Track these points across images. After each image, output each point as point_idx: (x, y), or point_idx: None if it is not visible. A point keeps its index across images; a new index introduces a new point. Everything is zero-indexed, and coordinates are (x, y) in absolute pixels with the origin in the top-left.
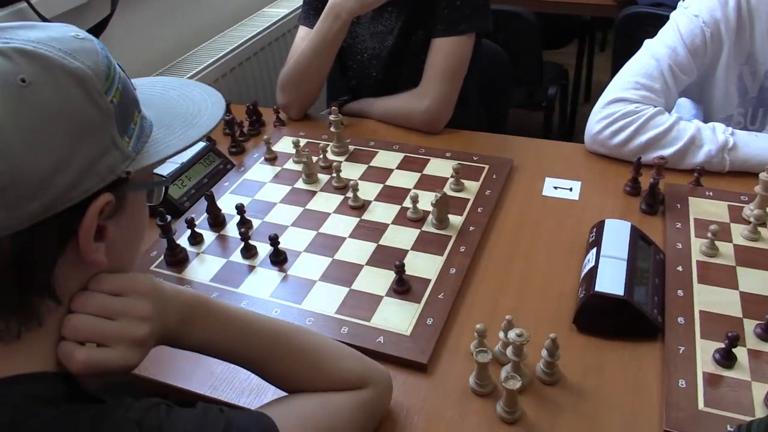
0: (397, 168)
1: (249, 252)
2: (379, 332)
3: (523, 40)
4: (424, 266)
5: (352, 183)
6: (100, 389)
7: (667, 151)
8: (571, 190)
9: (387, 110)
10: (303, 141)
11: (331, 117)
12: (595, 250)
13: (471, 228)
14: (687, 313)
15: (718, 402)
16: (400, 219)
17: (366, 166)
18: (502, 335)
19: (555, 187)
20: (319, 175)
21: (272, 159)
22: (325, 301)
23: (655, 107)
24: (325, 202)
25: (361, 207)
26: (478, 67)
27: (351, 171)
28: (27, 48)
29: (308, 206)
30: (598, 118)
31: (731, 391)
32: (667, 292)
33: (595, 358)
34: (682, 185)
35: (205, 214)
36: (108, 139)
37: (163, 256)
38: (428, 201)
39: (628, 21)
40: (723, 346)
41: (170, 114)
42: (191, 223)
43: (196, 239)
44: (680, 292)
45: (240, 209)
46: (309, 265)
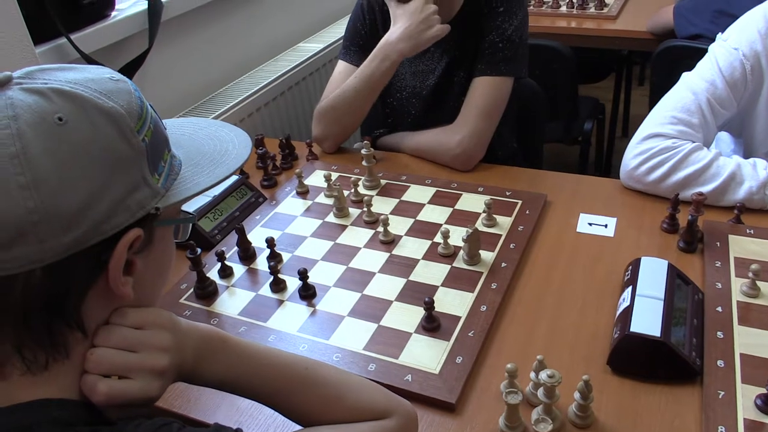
0: (428, 203)
1: (278, 286)
2: (408, 370)
3: (559, 75)
4: (454, 303)
5: (383, 218)
6: (122, 418)
7: (706, 188)
8: (606, 226)
9: (419, 144)
10: (335, 175)
11: (363, 151)
12: (630, 288)
13: (503, 264)
14: (727, 356)
15: None
16: (431, 254)
17: (397, 200)
18: (533, 376)
19: (590, 224)
20: (350, 209)
21: (304, 192)
22: (353, 337)
23: (693, 143)
24: (355, 236)
25: (391, 242)
26: (514, 105)
27: (382, 205)
28: (64, 88)
29: (338, 240)
30: (634, 154)
31: None
32: (706, 334)
33: (629, 401)
34: (721, 222)
35: (235, 247)
36: (139, 176)
37: (193, 289)
38: (459, 236)
39: (666, 54)
40: (765, 391)
41: (199, 153)
42: (221, 256)
43: (225, 272)
44: (720, 334)
45: (270, 243)
46: (338, 300)
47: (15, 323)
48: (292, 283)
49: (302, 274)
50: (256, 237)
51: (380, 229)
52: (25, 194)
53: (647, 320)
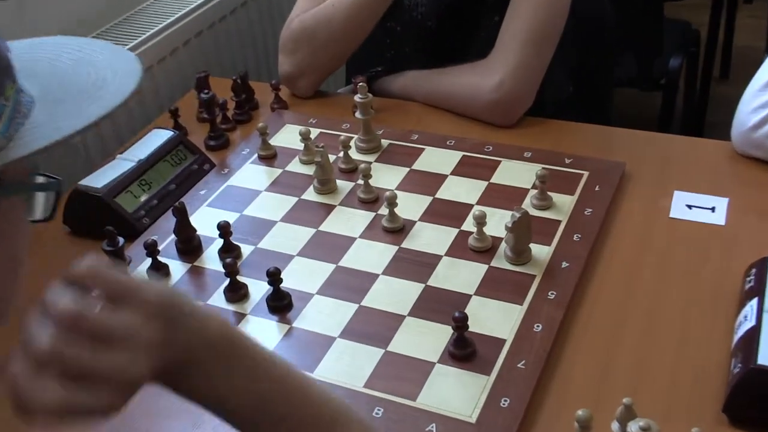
0: (452, 173)
1: (236, 293)
2: (430, 417)
3: None
4: (495, 320)
5: (388, 195)
6: None
7: None
8: (713, 210)
9: (439, 87)
10: (315, 132)
11: (357, 97)
12: (755, 301)
13: (564, 264)
14: None
15: None
16: (459, 249)
17: (407, 169)
18: (616, 427)
19: (689, 206)
20: (339, 182)
21: (269, 157)
22: (349, 368)
23: None
24: (347, 221)
25: (400, 230)
26: (570, 29)
27: (385, 176)
28: None
29: (323, 227)
30: (754, 107)
31: None
32: None
33: None
34: None
35: (172, 235)
36: None
37: None
38: (500, 223)
39: None
40: None
41: (62, 85)
42: (152, 249)
43: (159, 272)
44: None
45: (224, 230)
46: (324, 315)
47: None
48: (257, 288)
49: (272, 277)
50: (202, 221)
51: (384, 211)
52: None
53: None
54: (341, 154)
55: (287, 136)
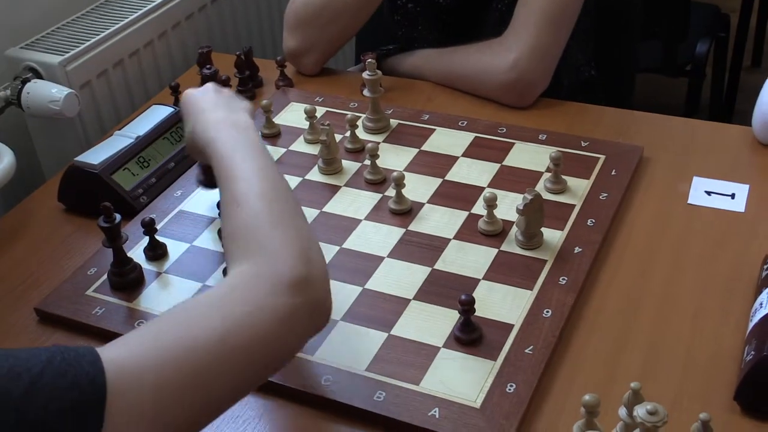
0: (463, 155)
1: None
2: (434, 401)
3: None
4: (503, 304)
5: (395, 176)
6: None
7: None
8: (733, 197)
9: (451, 66)
10: (321, 110)
11: (365, 74)
12: None
13: (576, 249)
14: None
15: None
16: (468, 232)
17: (416, 150)
18: (623, 413)
19: (708, 192)
20: (345, 163)
21: (273, 136)
22: (352, 351)
23: None
24: (352, 202)
25: (407, 212)
26: (592, 10)
27: (393, 158)
28: None
29: (327, 208)
30: None
31: None
32: None
33: None
34: None
35: (170, 214)
36: None
37: (106, 276)
38: (511, 206)
39: None
40: None
41: None
42: (150, 227)
43: (156, 251)
44: None
45: None
46: None
47: None
48: None
49: None
50: (202, 200)
51: (391, 192)
52: None
53: None
54: (348, 133)
55: (292, 115)
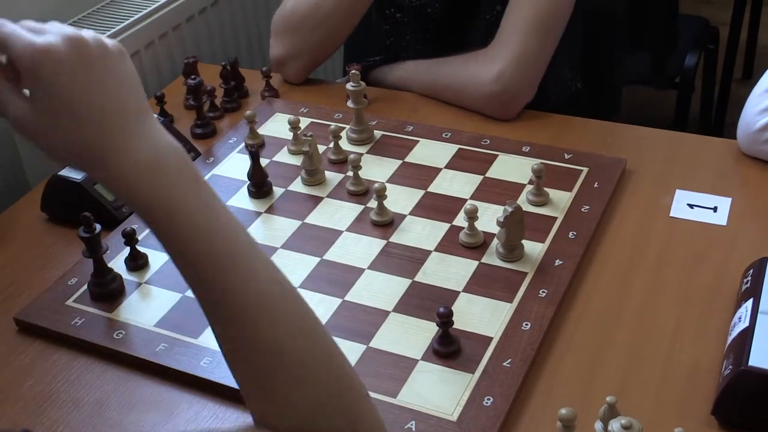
0: (446, 167)
1: None
2: (410, 414)
3: None
4: (482, 317)
5: (377, 187)
6: None
7: None
8: (715, 210)
9: (436, 77)
10: (305, 121)
11: (349, 86)
12: (750, 302)
13: (557, 262)
14: None
15: None
16: (449, 244)
17: (399, 162)
18: (599, 427)
19: (690, 205)
20: (327, 173)
21: (257, 146)
22: None
23: None
24: (334, 213)
25: (389, 223)
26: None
27: (376, 169)
28: None
29: (309, 219)
30: (761, 109)
31: None
32: None
33: None
34: None
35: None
36: None
37: (86, 286)
38: (493, 218)
39: None
40: None
41: None
42: (131, 238)
43: (137, 262)
44: None
45: None
46: None
47: None
48: None
49: None
50: None
51: (373, 204)
52: None
53: None
54: (332, 144)
55: (277, 126)
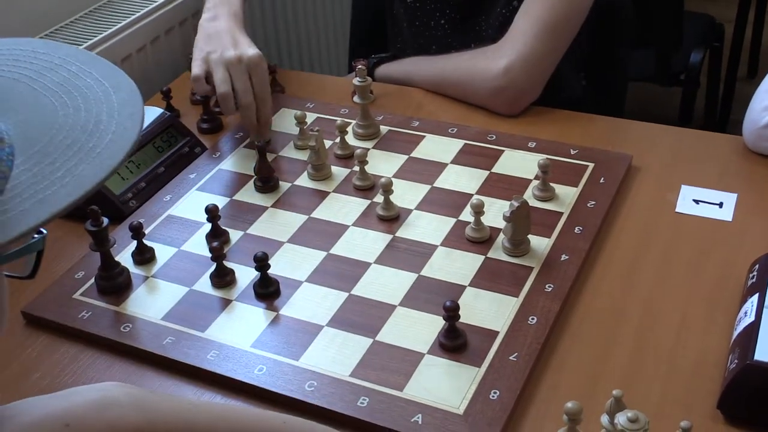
0: (452, 162)
1: (223, 278)
2: (417, 407)
3: None
4: (488, 311)
5: (384, 182)
6: None
7: None
8: (720, 206)
9: (443, 72)
10: (311, 116)
11: (355, 81)
12: (756, 297)
13: (563, 257)
14: None
15: None
16: (455, 239)
17: (405, 157)
18: (605, 420)
19: (696, 201)
20: (334, 168)
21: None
22: (336, 357)
23: None
24: (340, 208)
25: (395, 218)
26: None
27: (382, 164)
28: None
29: (315, 214)
30: (767, 105)
31: None
32: None
33: None
34: None
35: (159, 218)
36: None
37: (93, 279)
38: (499, 213)
39: None
40: None
41: (46, 128)
42: (138, 232)
43: (144, 255)
44: None
45: (211, 213)
46: (313, 303)
47: None
48: (245, 275)
49: (259, 262)
50: (191, 205)
51: (379, 198)
52: None
53: None
54: (338, 139)
55: (283, 121)
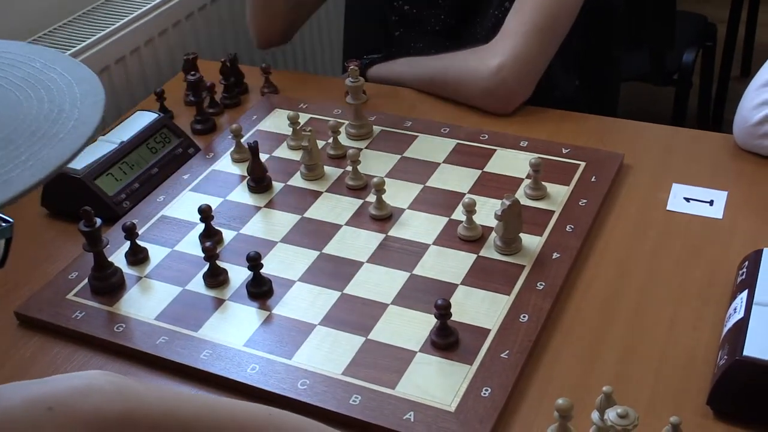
0: (444, 162)
1: (216, 278)
2: (409, 405)
3: None
4: (480, 309)
5: (376, 181)
6: None
7: None
8: (711, 203)
9: (435, 72)
10: (304, 117)
11: (348, 81)
12: (745, 294)
13: (555, 255)
14: None
15: None
16: (447, 237)
17: (398, 156)
18: (596, 417)
19: (687, 199)
20: (327, 168)
21: (244, 161)
22: (329, 355)
23: None
24: (333, 208)
25: (388, 218)
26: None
27: (375, 164)
28: None
29: (308, 214)
30: (757, 103)
31: None
32: None
33: None
34: None
35: (152, 219)
36: None
37: (87, 279)
38: (491, 212)
39: None
40: None
41: (11, 118)
42: (132, 232)
43: (137, 256)
44: None
45: (204, 214)
46: (305, 302)
47: None
48: (238, 274)
49: (252, 262)
50: (184, 205)
51: (372, 198)
52: None
53: None
54: (331, 139)
55: (276, 121)
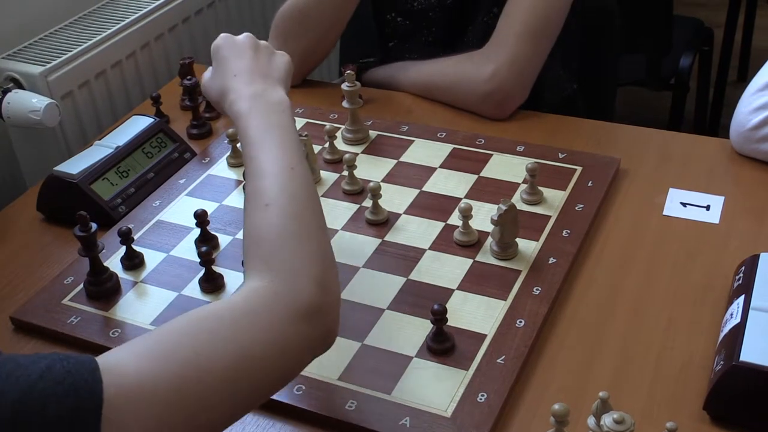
0: (441, 166)
1: (212, 283)
2: (405, 411)
3: None
4: (476, 314)
5: (372, 186)
6: None
7: None
8: (708, 208)
9: (431, 77)
10: (301, 121)
11: (344, 86)
12: (742, 299)
13: (551, 260)
14: None
15: None
16: (444, 242)
17: (394, 161)
18: (591, 422)
19: (684, 204)
20: (323, 173)
21: (239, 165)
22: (324, 360)
23: None
24: (329, 213)
25: (384, 222)
26: (574, 25)
27: (371, 168)
28: None
29: None
30: (754, 108)
31: None
32: None
33: None
34: None
35: (148, 224)
36: None
37: (82, 285)
38: (488, 217)
39: None
40: None
41: None
42: (127, 237)
43: (133, 261)
44: None
45: (200, 218)
46: None
47: None
48: (234, 279)
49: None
50: (180, 210)
51: (368, 203)
52: None
53: (766, 346)
54: (327, 144)
55: None
